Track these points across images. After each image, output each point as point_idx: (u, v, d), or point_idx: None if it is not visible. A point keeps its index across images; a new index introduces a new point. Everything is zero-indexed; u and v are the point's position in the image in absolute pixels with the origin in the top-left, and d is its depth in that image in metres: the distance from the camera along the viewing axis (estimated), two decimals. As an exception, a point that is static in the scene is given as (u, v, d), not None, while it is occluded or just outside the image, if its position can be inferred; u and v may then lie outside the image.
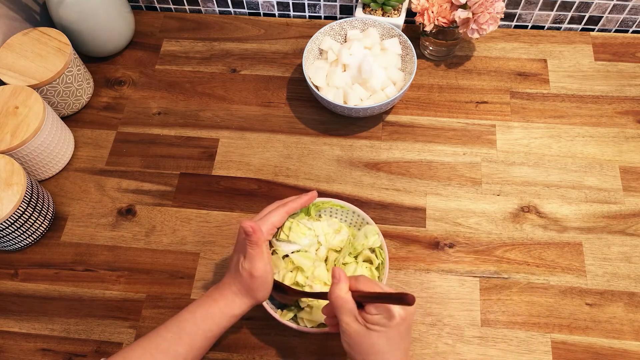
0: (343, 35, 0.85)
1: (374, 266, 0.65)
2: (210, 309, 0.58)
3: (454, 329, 0.68)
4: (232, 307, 0.58)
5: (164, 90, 0.89)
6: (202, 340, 0.57)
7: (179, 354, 0.56)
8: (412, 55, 0.80)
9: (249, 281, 0.57)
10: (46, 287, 0.73)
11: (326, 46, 0.83)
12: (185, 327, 0.57)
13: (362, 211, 0.67)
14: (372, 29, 0.83)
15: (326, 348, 0.67)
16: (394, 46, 0.82)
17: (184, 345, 0.56)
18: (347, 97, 0.79)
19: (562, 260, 0.71)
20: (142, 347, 0.56)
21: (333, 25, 0.83)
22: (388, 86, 0.80)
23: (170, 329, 0.57)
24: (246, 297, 0.59)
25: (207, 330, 0.57)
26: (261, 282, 0.58)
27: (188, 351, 0.56)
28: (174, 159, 0.82)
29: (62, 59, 0.79)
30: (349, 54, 0.81)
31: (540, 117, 0.83)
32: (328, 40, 0.83)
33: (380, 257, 0.64)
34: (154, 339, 0.57)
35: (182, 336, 0.56)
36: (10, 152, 0.72)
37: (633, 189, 0.76)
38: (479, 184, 0.78)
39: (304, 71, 0.79)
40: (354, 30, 0.85)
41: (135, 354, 0.56)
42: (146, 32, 0.96)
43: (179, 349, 0.56)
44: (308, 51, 0.82)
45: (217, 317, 0.58)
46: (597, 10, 0.88)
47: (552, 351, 0.66)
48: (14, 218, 0.69)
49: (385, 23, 0.83)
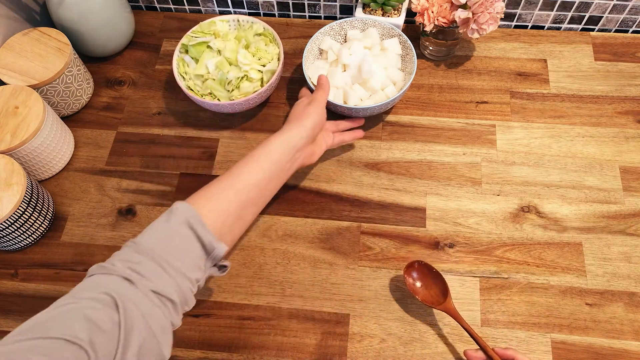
0: (343, 35, 0.85)
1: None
2: (267, 141, 0.65)
3: (454, 329, 0.68)
4: (284, 134, 0.66)
5: (164, 90, 0.89)
6: (269, 164, 0.63)
7: (253, 174, 0.62)
8: (412, 55, 0.80)
9: (306, 107, 0.68)
10: (46, 287, 0.73)
11: (326, 46, 0.83)
12: (252, 157, 0.63)
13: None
14: (372, 29, 0.83)
15: (326, 348, 0.67)
16: (394, 46, 0.82)
17: (256, 172, 0.62)
18: (347, 97, 0.79)
19: (562, 260, 0.72)
20: (219, 181, 0.61)
21: (333, 25, 0.83)
22: (388, 86, 0.80)
23: (239, 164, 0.63)
24: (295, 123, 0.67)
25: (269, 153, 0.63)
26: (314, 108, 0.68)
27: (263, 174, 0.62)
28: (174, 159, 0.82)
29: (62, 59, 0.79)
30: (349, 54, 0.81)
31: (540, 117, 0.83)
32: (328, 40, 0.83)
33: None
34: (230, 173, 0.62)
35: (250, 163, 0.62)
36: (10, 152, 0.72)
37: (633, 189, 0.76)
38: (479, 184, 0.78)
39: (304, 71, 0.79)
40: (354, 30, 0.85)
41: (214, 186, 0.60)
42: (146, 32, 0.96)
43: (252, 169, 0.62)
44: (308, 51, 0.82)
45: (274, 143, 0.64)
46: (597, 10, 0.88)
47: (552, 351, 0.66)
48: (14, 218, 0.69)
49: (385, 23, 0.83)
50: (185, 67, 0.82)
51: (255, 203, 0.62)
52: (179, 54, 0.82)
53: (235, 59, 0.80)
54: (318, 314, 0.69)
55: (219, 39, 0.83)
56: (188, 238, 0.53)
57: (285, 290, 0.71)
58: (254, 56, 0.81)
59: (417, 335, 0.67)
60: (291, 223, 0.76)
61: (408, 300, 0.70)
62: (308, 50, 0.82)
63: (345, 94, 0.79)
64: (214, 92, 0.80)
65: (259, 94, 0.78)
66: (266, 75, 0.81)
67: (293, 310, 0.70)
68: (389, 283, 0.71)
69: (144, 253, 0.51)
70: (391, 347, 0.67)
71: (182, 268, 0.52)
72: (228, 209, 0.58)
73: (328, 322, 0.69)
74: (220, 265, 0.58)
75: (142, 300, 0.48)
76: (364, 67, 0.78)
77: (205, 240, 0.54)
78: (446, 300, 0.65)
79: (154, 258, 0.51)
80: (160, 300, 0.50)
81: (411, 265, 0.68)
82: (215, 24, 0.84)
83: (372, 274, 0.72)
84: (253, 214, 0.63)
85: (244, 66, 0.80)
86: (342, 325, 0.68)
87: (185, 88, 0.79)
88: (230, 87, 0.80)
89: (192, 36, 0.83)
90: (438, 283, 0.67)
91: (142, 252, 0.51)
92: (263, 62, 0.81)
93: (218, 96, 0.80)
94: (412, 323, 0.68)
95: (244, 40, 0.82)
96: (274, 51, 0.82)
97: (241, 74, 0.80)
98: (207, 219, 0.55)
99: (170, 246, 0.52)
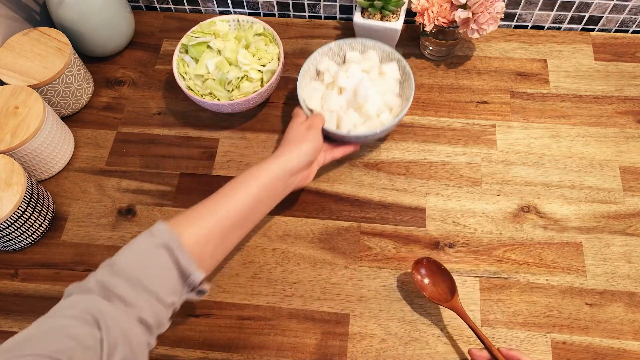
0: (342, 56, 0.83)
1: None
2: (261, 164, 0.64)
3: (454, 329, 0.68)
4: (281, 157, 0.65)
5: (164, 90, 0.89)
6: (259, 189, 0.62)
7: (240, 198, 0.61)
8: (410, 81, 0.77)
9: (306, 132, 0.68)
10: (46, 287, 0.73)
11: (324, 67, 0.80)
12: (242, 180, 0.62)
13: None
14: (372, 52, 0.81)
15: (326, 348, 0.67)
16: (393, 71, 0.79)
17: (243, 197, 0.61)
18: (341, 122, 0.75)
19: (562, 260, 0.72)
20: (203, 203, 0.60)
21: (332, 45, 0.81)
22: (384, 112, 0.76)
23: (227, 186, 0.62)
24: (294, 147, 0.66)
25: (260, 177, 0.63)
26: (314, 135, 0.68)
27: (250, 200, 0.61)
28: (174, 159, 0.82)
29: (62, 59, 0.79)
30: (346, 77, 0.78)
31: (540, 117, 0.83)
32: (326, 61, 0.81)
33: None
34: (217, 195, 0.61)
35: (238, 187, 0.61)
36: (10, 152, 0.72)
37: (633, 189, 0.76)
38: (479, 184, 0.78)
39: (298, 93, 0.76)
40: (354, 52, 0.82)
41: (198, 207, 0.59)
42: (146, 32, 0.96)
43: (239, 194, 0.61)
44: (304, 72, 0.79)
45: (268, 166, 0.64)
46: (597, 10, 0.88)
47: (552, 351, 0.66)
48: (14, 218, 0.69)
49: (385, 47, 0.80)
50: (185, 67, 0.82)
51: (240, 227, 0.61)
52: (179, 54, 0.82)
53: (235, 59, 0.80)
54: (318, 314, 0.69)
55: (219, 39, 0.83)
56: (165, 262, 0.52)
57: (285, 290, 0.71)
58: (254, 56, 0.81)
59: (417, 335, 0.67)
60: (291, 223, 0.76)
61: (408, 300, 0.70)
62: (304, 70, 0.79)
63: (338, 119, 0.76)
64: (214, 92, 0.80)
65: (259, 94, 0.78)
66: (266, 75, 0.81)
67: (293, 310, 0.70)
68: (389, 283, 0.71)
69: (120, 275, 0.50)
70: (391, 347, 0.67)
71: (158, 292, 0.51)
72: (210, 235, 0.57)
73: (328, 322, 0.69)
74: (198, 290, 0.56)
75: (122, 318, 0.48)
76: (359, 92, 0.75)
77: (183, 265, 0.53)
78: (453, 298, 0.65)
79: (130, 279, 0.50)
80: (137, 321, 0.49)
81: (420, 261, 0.68)
82: (215, 24, 0.84)
83: (372, 274, 0.72)
84: (238, 237, 0.62)
85: (244, 66, 0.80)
86: (342, 325, 0.68)
87: (185, 88, 0.79)
88: (230, 87, 0.80)
89: (192, 36, 0.83)
90: (446, 280, 0.67)
91: (118, 274, 0.51)
92: (263, 62, 0.81)
93: (218, 96, 0.80)
94: (412, 323, 0.68)
95: (244, 40, 0.82)
96: (274, 51, 0.82)
97: (241, 74, 0.80)
98: (187, 244, 0.54)
99: (147, 269, 0.52)
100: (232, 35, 0.84)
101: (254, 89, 0.80)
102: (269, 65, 0.81)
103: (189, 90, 0.80)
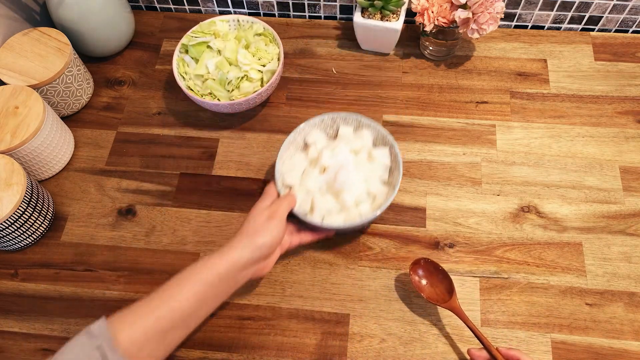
0: (335, 129, 0.75)
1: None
2: (206, 260, 0.60)
3: (454, 329, 0.68)
4: (230, 253, 0.60)
5: (164, 90, 0.89)
6: (202, 286, 0.58)
7: (181, 298, 0.57)
8: (399, 169, 0.69)
9: (265, 222, 0.62)
10: (46, 287, 0.73)
11: (312, 140, 0.74)
12: (185, 277, 0.59)
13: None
14: (366, 131, 0.73)
15: (326, 348, 0.67)
16: (384, 157, 0.72)
17: (184, 297, 0.57)
18: (314, 206, 0.68)
19: (562, 260, 0.72)
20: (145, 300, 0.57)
21: (324, 117, 0.74)
22: (363, 202, 0.69)
23: (172, 282, 0.59)
24: (247, 240, 0.61)
25: (204, 275, 0.59)
26: (273, 226, 0.62)
27: (193, 299, 0.58)
28: (174, 159, 0.82)
29: (62, 59, 0.79)
30: (330, 155, 0.70)
31: (540, 117, 0.83)
32: (315, 133, 0.74)
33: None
34: (159, 292, 0.58)
35: (180, 285, 0.58)
36: (10, 152, 0.72)
37: (633, 189, 0.76)
38: (479, 184, 0.78)
39: (277, 167, 0.70)
40: (347, 128, 0.74)
41: (138, 308, 0.57)
42: (146, 32, 0.96)
43: (182, 292, 0.57)
44: (289, 142, 0.72)
45: (213, 264, 0.59)
46: (597, 10, 0.88)
47: (552, 351, 0.66)
48: (14, 218, 0.69)
49: (381, 129, 0.72)
50: (185, 67, 0.82)
51: (182, 327, 0.58)
52: (179, 54, 0.82)
53: (235, 59, 0.80)
54: (318, 314, 0.69)
55: (219, 39, 0.83)
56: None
57: (285, 290, 0.71)
58: (254, 56, 0.81)
59: (417, 335, 0.67)
60: (291, 223, 0.76)
61: (408, 300, 0.70)
62: (289, 141, 0.72)
63: (312, 202, 0.69)
64: (214, 92, 0.80)
65: (258, 94, 0.78)
66: (266, 75, 0.81)
67: (293, 310, 0.70)
68: (389, 283, 0.71)
69: None
70: (391, 347, 0.67)
71: None
72: (146, 335, 0.55)
73: (328, 322, 0.69)
74: None
75: None
76: (339, 177, 0.68)
77: None
78: (451, 298, 0.65)
79: None
80: None
81: (417, 262, 0.68)
82: (215, 24, 0.84)
83: (372, 274, 0.72)
84: (180, 337, 0.59)
85: (244, 66, 0.80)
86: (342, 325, 0.68)
87: (185, 88, 0.79)
88: (230, 87, 0.80)
89: (192, 36, 0.83)
90: (444, 281, 0.67)
91: None
92: (263, 62, 0.81)
93: (218, 96, 0.80)
94: (412, 323, 0.68)
95: (244, 40, 0.82)
96: (274, 51, 0.82)
97: (241, 74, 0.80)
98: (122, 345, 0.53)
99: None
100: (232, 35, 0.84)
101: (254, 89, 0.80)
102: (269, 65, 0.81)
103: (189, 90, 0.80)
